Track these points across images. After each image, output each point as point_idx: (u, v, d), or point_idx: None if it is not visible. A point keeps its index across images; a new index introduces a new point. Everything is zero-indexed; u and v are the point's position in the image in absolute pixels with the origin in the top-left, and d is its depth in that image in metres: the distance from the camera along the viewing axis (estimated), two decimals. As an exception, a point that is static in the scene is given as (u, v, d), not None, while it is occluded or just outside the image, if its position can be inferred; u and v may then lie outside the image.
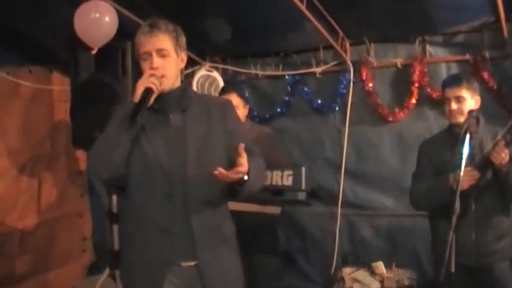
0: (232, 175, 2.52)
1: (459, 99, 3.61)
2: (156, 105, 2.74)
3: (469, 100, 3.63)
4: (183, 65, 2.89)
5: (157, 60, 2.72)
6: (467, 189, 3.40)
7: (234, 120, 2.94)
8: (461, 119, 3.56)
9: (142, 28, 2.76)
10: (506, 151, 3.31)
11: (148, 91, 2.65)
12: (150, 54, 2.72)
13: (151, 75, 2.68)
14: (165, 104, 2.77)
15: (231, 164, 2.58)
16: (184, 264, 2.72)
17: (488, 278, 3.66)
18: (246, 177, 2.57)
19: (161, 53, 2.73)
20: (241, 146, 2.51)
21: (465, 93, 3.61)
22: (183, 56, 2.86)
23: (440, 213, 3.56)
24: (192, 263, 2.71)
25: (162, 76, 2.71)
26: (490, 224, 3.60)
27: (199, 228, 2.70)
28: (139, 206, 2.77)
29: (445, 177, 3.51)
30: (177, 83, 2.85)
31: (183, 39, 2.85)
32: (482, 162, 3.46)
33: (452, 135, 3.65)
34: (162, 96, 2.74)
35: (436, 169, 3.73)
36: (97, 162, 2.78)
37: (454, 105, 3.61)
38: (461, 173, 3.19)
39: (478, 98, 3.68)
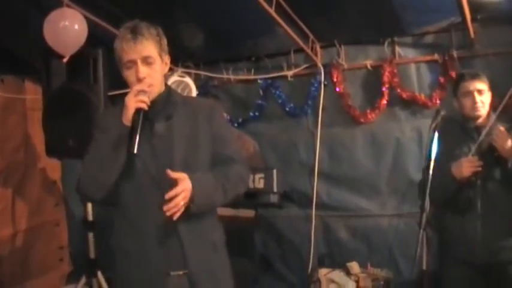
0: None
1: (481, 92, 3.65)
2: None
3: (487, 93, 3.69)
4: (167, 68, 2.75)
5: (143, 70, 2.56)
6: (472, 179, 3.47)
7: (221, 125, 2.83)
8: (484, 112, 3.63)
9: (123, 34, 2.58)
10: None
11: (140, 113, 2.51)
12: (135, 63, 2.56)
13: (139, 91, 2.52)
14: (150, 112, 2.60)
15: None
16: (173, 273, 2.65)
17: (503, 278, 3.59)
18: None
19: (147, 60, 2.57)
20: (168, 172, 2.47)
21: (485, 86, 3.67)
22: (167, 59, 2.72)
23: (447, 206, 3.62)
24: (181, 272, 2.65)
25: (150, 85, 2.57)
26: (498, 218, 3.54)
27: (187, 236, 2.63)
28: (135, 220, 2.68)
29: (448, 166, 3.53)
30: (162, 88, 2.72)
31: (165, 42, 2.68)
32: (481, 149, 3.51)
33: (466, 129, 3.71)
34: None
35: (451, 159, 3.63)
36: (89, 184, 2.66)
37: (478, 98, 3.63)
38: (430, 172, 3.24)
39: (489, 93, 3.72)
